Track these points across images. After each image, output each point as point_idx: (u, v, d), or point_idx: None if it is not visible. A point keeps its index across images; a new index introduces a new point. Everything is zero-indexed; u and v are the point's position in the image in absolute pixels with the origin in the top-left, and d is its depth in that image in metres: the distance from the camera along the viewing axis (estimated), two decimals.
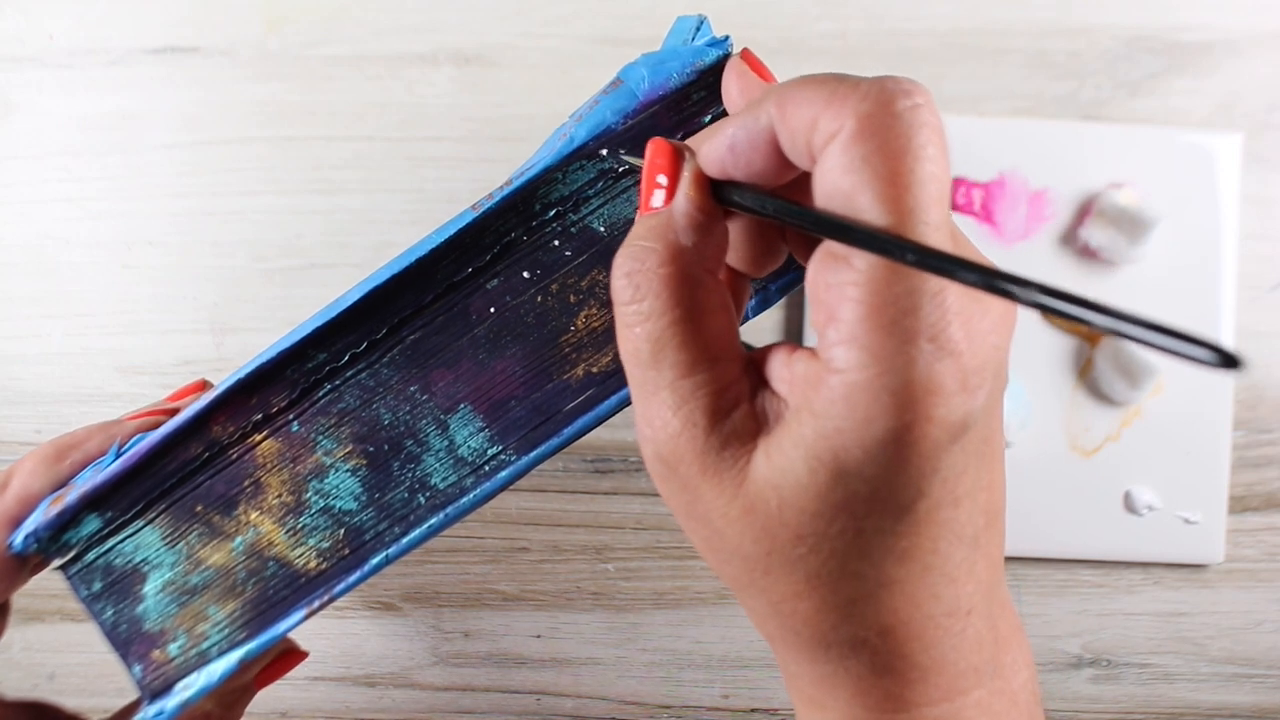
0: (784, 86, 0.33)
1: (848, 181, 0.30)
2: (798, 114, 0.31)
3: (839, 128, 0.30)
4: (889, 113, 0.30)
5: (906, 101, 0.30)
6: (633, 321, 0.34)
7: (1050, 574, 0.68)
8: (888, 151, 0.29)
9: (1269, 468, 0.67)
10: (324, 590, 0.43)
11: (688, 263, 0.34)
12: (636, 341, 0.34)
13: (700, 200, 0.35)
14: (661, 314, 0.34)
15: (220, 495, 0.43)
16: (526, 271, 0.42)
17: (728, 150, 0.34)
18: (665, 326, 0.34)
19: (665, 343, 0.34)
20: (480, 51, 0.67)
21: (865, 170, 0.29)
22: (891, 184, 0.29)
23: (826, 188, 0.31)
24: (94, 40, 0.66)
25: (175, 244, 0.67)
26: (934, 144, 0.30)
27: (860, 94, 0.30)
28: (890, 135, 0.29)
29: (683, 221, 0.35)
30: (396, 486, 0.43)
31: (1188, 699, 0.69)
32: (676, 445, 0.34)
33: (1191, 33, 0.67)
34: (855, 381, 0.30)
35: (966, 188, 0.65)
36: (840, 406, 0.30)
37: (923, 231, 0.29)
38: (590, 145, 0.41)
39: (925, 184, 0.29)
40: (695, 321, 0.34)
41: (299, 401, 0.43)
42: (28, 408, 0.68)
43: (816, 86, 0.31)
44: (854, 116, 0.30)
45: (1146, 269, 0.65)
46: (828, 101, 0.30)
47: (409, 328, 0.42)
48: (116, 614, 0.44)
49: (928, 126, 0.30)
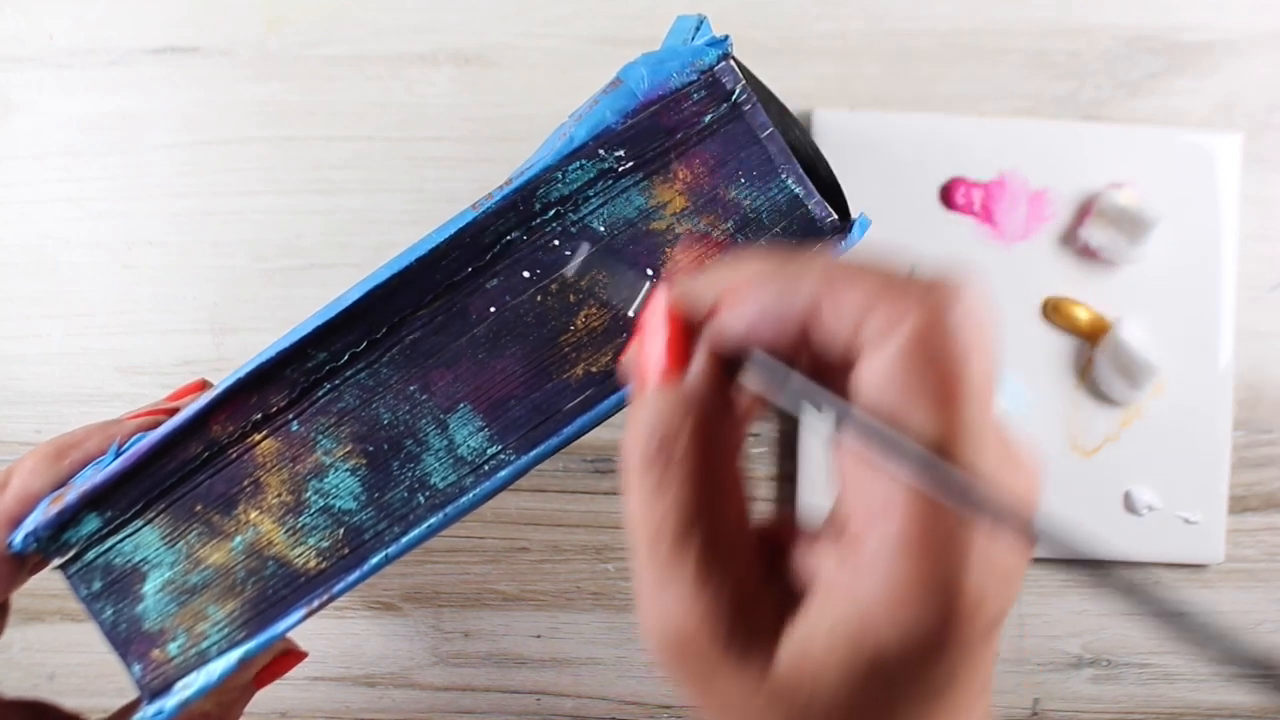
0: (834, 268, 0.31)
1: (895, 390, 0.29)
2: (847, 302, 0.30)
3: (890, 330, 0.29)
4: (944, 323, 0.29)
5: (961, 310, 0.29)
6: (649, 503, 0.32)
7: (1050, 574, 0.68)
8: (942, 366, 0.29)
9: (1269, 468, 0.67)
10: (323, 590, 0.43)
11: (712, 446, 0.32)
12: (652, 526, 0.32)
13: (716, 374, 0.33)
14: (688, 503, 0.32)
15: (220, 495, 0.43)
16: (526, 271, 0.42)
17: (751, 327, 0.32)
18: (692, 518, 0.32)
19: (690, 534, 0.32)
20: (480, 51, 0.67)
21: (917, 382, 0.29)
22: (944, 402, 0.29)
23: (871, 389, 0.30)
24: (94, 40, 0.66)
25: (175, 244, 0.67)
26: (987, 358, 0.29)
27: (918, 294, 0.29)
28: (945, 349, 0.29)
29: (703, 397, 0.33)
30: (396, 486, 0.43)
31: (1188, 699, 0.69)
32: (694, 639, 0.31)
33: (1191, 33, 0.67)
34: (891, 581, 0.29)
35: (966, 188, 0.65)
36: (874, 604, 0.29)
37: (971, 449, 0.29)
38: (590, 145, 0.41)
39: (975, 401, 0.29)
40: (719, 510, 0.32)
41: (299, 401, 0.43)
42: (28, 408, 0.68)
43: (870, 278, 0.30)
44: (910, 325, 0.29)
45: (1146, 269, 0.65)
46: (881, 295, 0.29)
47: (409, 327, 0.42)
48: (116, 613, 0.44)
49: (982, 326, 0.29)
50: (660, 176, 0.42)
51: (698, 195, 0.42)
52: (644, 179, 0.42)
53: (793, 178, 0.42)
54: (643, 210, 0.42)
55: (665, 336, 0.34)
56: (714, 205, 0.42)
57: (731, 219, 0.42)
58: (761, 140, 0.42)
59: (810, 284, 0.31)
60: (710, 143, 0.42)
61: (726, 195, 0.42)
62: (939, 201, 0.66)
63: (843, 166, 0.59)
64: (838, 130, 0.65)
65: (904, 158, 0.66)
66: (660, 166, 0.42)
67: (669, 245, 0.42)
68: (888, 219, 0.65)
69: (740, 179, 0.42)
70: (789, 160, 0.42)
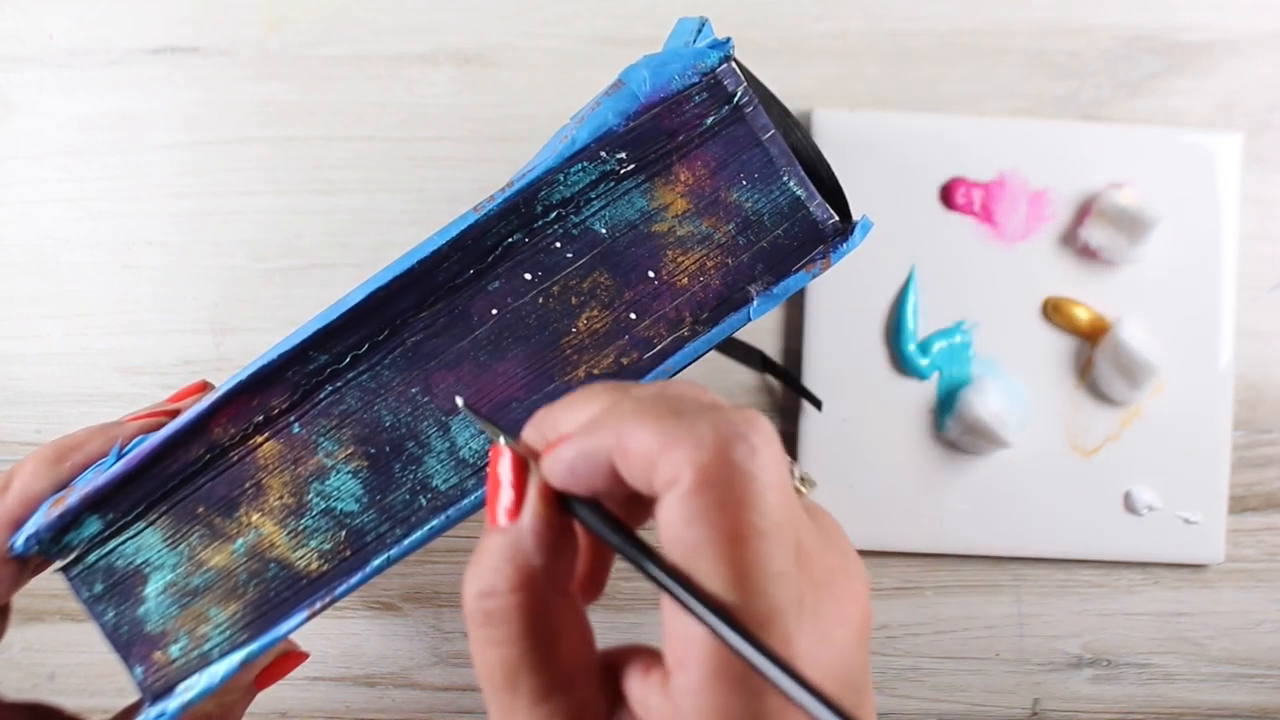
0: (622, 419, 0.32)
1: (689, 534, 0.29)
2: (636, 451, 0.30)
3: (677, 475, 0.29)
4: (726, 464, 0.29)
5: (744, 448, 0.29)
6: (485, 645, 0.33)
7: (1050, 574, 0.68)
8: (726, 506, 0.29)
9: (1269, 468, 0.67)
10: (325, 592, 0.43)
11: (539, 585, 0.33)
12: (490, 666, 0.33)
13: (548, 517, 0.33)
14: (514, 641, 0.33)
15: (221, 497, 0.43)
16: (528, 273, 0.42)
17: (569, 471, 0.33)
18: (519, 654, 0.33)
19: (519, 670, 0.33)
20: (480, 51, 0.67)
21: (704, 526, 0.29)
22: (732, 541, 0.29)
23: (669, 534, 0.30)
24: (94, 40, 0.66)
25: (175, 244, 0.67)
26: (774, 488, 0.29)
27: (696, 440, 0.29)
28: (729, 488, 0.29)
29: (532, 540, 0.33)
30: (398, 488, 0.43)
31: (1188, 699, 0.69)
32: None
33: (1191, 33, 0.67)
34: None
35: (966, 188, 0.65)
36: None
37: (764, 585, 0.29)
38: (592, 147, 0.41)
39: (766, 535, 0.29)
40: (549, 647, 0.33)
41: (300, 403, 0.43)
42: (28, 408, 0.68)
43: (654, 426, 0.30)
44: (691, 467, 0.29)
45: (1146, 269, 0.65)
46: (665, 445, 0.30)
47: (410, 329, 0.42)
48: (118, 615, 0.44)
49: (766, 470, 0.29)
50: (662, 179, 0.42)
51: (699, 197, 0.42)
52: (645, 181, 0.42)
53: (794, 180, 0.42)
54: (644, 212, 0.42)
55: (493, 484, 0.35)
56: (715, 207, 0.42)
57: (733, 221, 0.42)
58: (763, 142, 0.42)
59: (605, 436, 0.32)
60: (712, 145, 0.42)
61: (728, 197, 0.42)
62: (939, 201, 0.66)
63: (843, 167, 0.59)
64: (838, 130, 0.65)
65: (904, 158, 0.66)
66: (662, 169, 0.42)
67: (670, 247, 0.42)
68: (888, 219, 0.65)
69: (742, 181, 0.42)
70: (791, 162, 0.42)
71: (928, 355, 0.65)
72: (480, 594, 0.33)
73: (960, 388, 0.65)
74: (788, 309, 0.67)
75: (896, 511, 0.66)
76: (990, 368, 0.66)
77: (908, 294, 0.65)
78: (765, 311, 0.42)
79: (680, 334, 0.43)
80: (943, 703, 0.68)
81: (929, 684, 0.68)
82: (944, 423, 0.65)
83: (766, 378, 0.67)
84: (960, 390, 0.65)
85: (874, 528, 0.66)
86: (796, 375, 0.66)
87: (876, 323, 0.66)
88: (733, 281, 0.43)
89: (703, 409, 0.31)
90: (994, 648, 0.68)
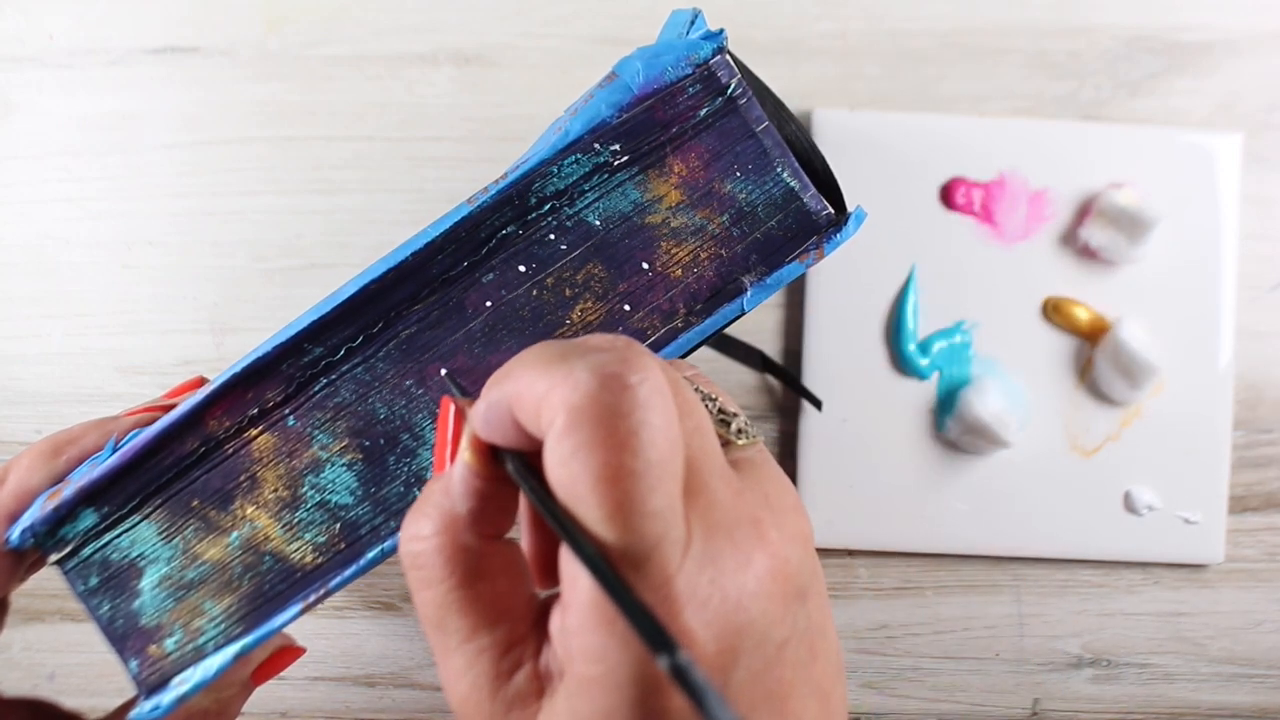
0: (517, 363, 0.32)
1: (564, 474, 0.30)
2: (526, 397, 0.31)
3: (553, 417, 0.30)
4: (596, 402, 0.29)
5: (615, 386, 0.29)
6: (416, 587, 0.34)
7: (1050, 574, 0.68)
8: (595, 444, 0.29)
9: (1269, 468, 0.67)
10: (320, 585, 0.43)
11: (460, 530, 0.34)
12: (422, 607, 0.34)
13: (476, 465, 0.34)
14: (439, 581, 0.34)
15: (216, 490, 0.43)
16: (522, 265, 0.42)
17: (483, 422, 0.34)
18: (444, 594, 0.34)
19: (447, 609, 0.34)
20: (480, 51, 0.67)
21: (575, 464, 0.29)
22: (602, 480, 0.29)
23: (550, 477, 0.30)
24: (94, 40, 0.67)
25: (175, 244, 0.67)
26: (649, 426, 0.29)
27: (572, 382, 0.30)
28: (598, 427, 0.29)
29: (459, 488, 0.34)
30: (392, 480, 0.43)
31: (1188, 699, 0.68)
32: (467, 707, 0.34)
33: (1191, 33, 0.67)
34: (588, 675, 0.30)
35: (966, 188, 0.65)
36: (581, 698, 0.30)
37: (637, 523, 0.29)
38: (585, 139, 0.41)
39: (640, 474, 0.29)
40: (473, 586, 0.34)
41: (295, 396, 0.43)
42: (28, 408, 0.68)
43: (540, 370, 0.31)
44: (564, 407, 0.29)
45: (1146, 269, 0.65)
46: (548, 387, 0.30)
47: (404, 322, 0.42)
48: (113, 609, 0.44)
49: (640, 409, 0.29)
50: (655, 170, 0.42)
51: (693, 189, 0.42)
52: (639, 173, 0.42)
53: (788, 171, 0.42)
54: (638, 204, 0.42)
55: (439, 433, 0.36)
56: (709, 199, 0.42)
57: (727, 212, 0.42)
58: (756, 134, 0.42)
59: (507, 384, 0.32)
60: (705, 136, 0.42)
61: (722, 189, 0.42)
62: (939, 201, 0.66)
63: (843, 166, 0.59)
64: (838, 130, 0.66)
65: (904, 158, 0.66)
66: (655, 160, 0.42)
67: (664, 239, 0.42)
68: (888, 219, 0.65)
69: (736, 172, 0.42)
70: (784, 154, 0.42)
71: (928, 355, 0.65)
72: (409, 538, 0.35)
73: (960, 388, 0.65)
74: (788, 309, 0.67)
75: (896, 511, 0.66)
76: (990, 368, 0.66)
77: (908, 294, 0.65)
78: (759, 302, 0.42)
79: (674, 325, 0.43)
80: (943, 703, 0.68)
81: (929, 684, 0.68)
82: (944, 423, 0.65)
83: (766, 378, 0.67)
84: (960, 390, 0.65)
85: (874, 528, 0.66)
86: (796, 375, 0.66)
87: (876, 323, 0.66)
88: (726, 272, 0.42)
89: (588, 351, 0.31)
90: (994, 648, 0.68)
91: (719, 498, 0.32)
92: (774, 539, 0.33)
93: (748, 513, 0.33)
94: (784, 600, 0.33)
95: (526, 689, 0.33)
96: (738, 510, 0.33)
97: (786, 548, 0.33)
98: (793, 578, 0.33)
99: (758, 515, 0.33)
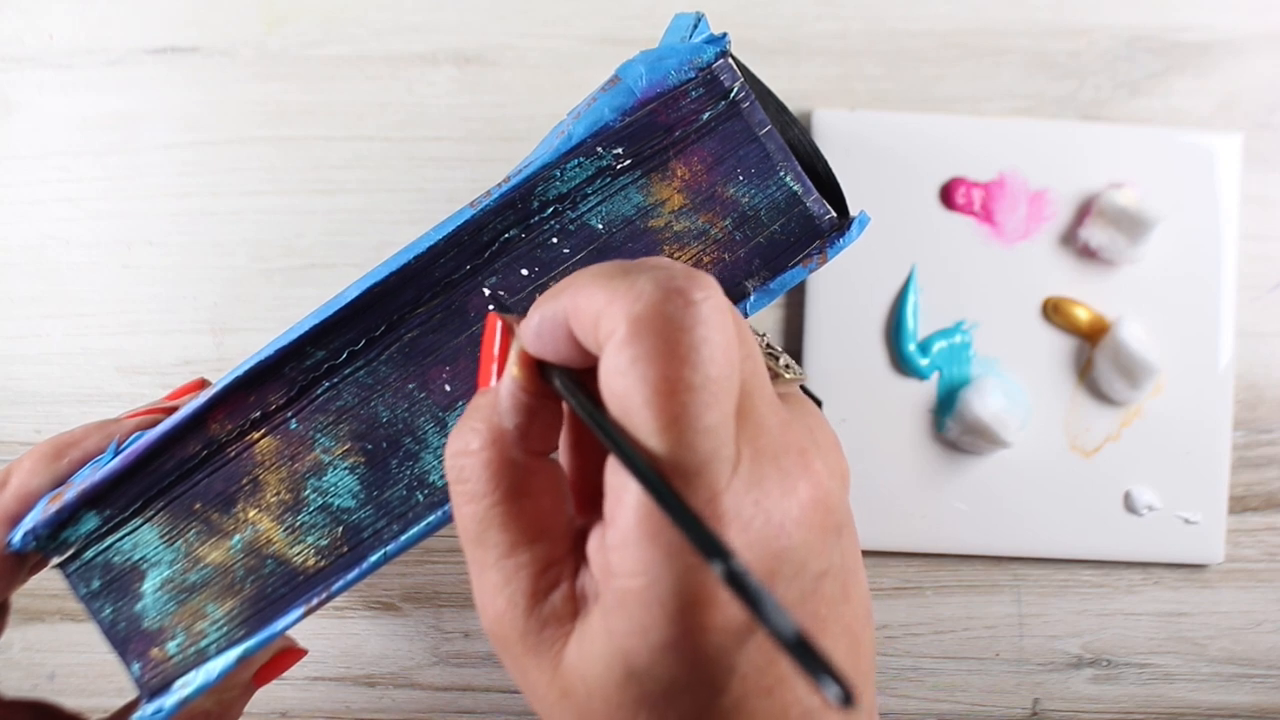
0: (577, 278, 0.33)
1: (620, 384, 0.30)
2: (585, 309, 0.31)
3: (613, 328, 0.30)
4: (660, 314, 0.29)
5: (679, 301, 0.30)
6: (460, 501, 0.35)
7: (1050, 574, 0.68)
8: (656, 356, 0.29)
9: (1269, 468, 0.67)
10: (322, 588, 0.43)
11: (507, 445, 0.34)
12: (464, 521, 0.35)
13: (524, 380, 0.34)
14: (482, 496, 0.34)
15: (218, 493, 0.43)
16: (525, 269, 0.42)
17: (535, 336, 0.34)
18: (487, 508, 0.34)
19: (488, 523, 0.34)
20: (480, 51, 0.67)
21: (633, 375, 0.29)
22: (659, 392, 0.29)
23: (605, 387, 0.31)
24: (94, 40, 0.66)
25: (175, 244, 0.67)
26: (710, 343, 0.30)
27: (635, 294, 0.30)
28: (660, 339, 0.29)
29: (507, 403, 0.35)
30: (395, 484, 0.43)
31: (1188, 699, 0.69)
32: (501, 624, 0.34)
33: (1191, 33, 0.67)
34: (629, 589, 0.30)
35: (966, 188, 0.65)
36: (619, 613, 0.31)
37: (691, 438, 0.29)
38: (588, 143, 0.41)
39: (697, 390, 0.29)
40: (517, 502, 0.34)
41: (297, 399, 0.43)
42: (28, 408, 0.68)
43: (601, 283, 0.31)
44: (625, 318, 0.30)
45: (1146, 269, 0.65)
46: (608, 299, 0.30)
47: (407, 325, 0.42)
48: (115, 612, 0.44)
49: (703, 325, 0.30)
50: (658, 174, 0.42)
51: (696, 193, 0.42)
52: (642, 176, 0.42)
53: (791, 175, 0.42)
54: (641, 208, 0.42)
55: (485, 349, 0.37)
56: (712, 203, 0.42)
57: (730, 216, 0.42)
58: (759, 138, 0.42)
59: (563, 298, 0.32)
60: (708, 140, 0.42)
61: (725, 193, 0.42)
62: (939, 201, 0.66)
63: (843, 166, 0.59)
64: (838, 130, 0.66)
65: (904, 158, 0.66)
66: (658, 164, 0.42)
67: (667, 243, 0.42)
68: (888, 219, 0.65)
69: (738, 176, 0.42)
70: (787, 157, 0.42)
71: (928, 355, 0.65)
72: (455, 452, 0.35)
73: (960, 388, 0.65)
74: (788, 309, 0.67)
75: (896, 511, 0.66)
76: (990, 368, 0.66)
77: (908, 294, 0.65)
78: (762, 307, 0.42)
79: None
80: (943, 703, 0.68)
81: (929, 684, 0.68)
82: (944, 423, 0.65)
83: None
84: (960, 390, 0.65)
85: (874, 528, 0.66)
86: None
87: (876, 323, 0.66)
88: (729, 277, 0.43)
89: (651, 267, 0.31)
90: (994, 648, 0.68)
91: (768, 424, 0.33)
92: (818, 470, 0.33)
93: (795, 442, 0.34)
94: (823, 532, 0.33)
95: (562, 609, 0.33)
96: (785, 438, 0.33)
97: (829, 481, 0.33)
98: (834, 511, 0.33)
99: (804, 446, 0.34)
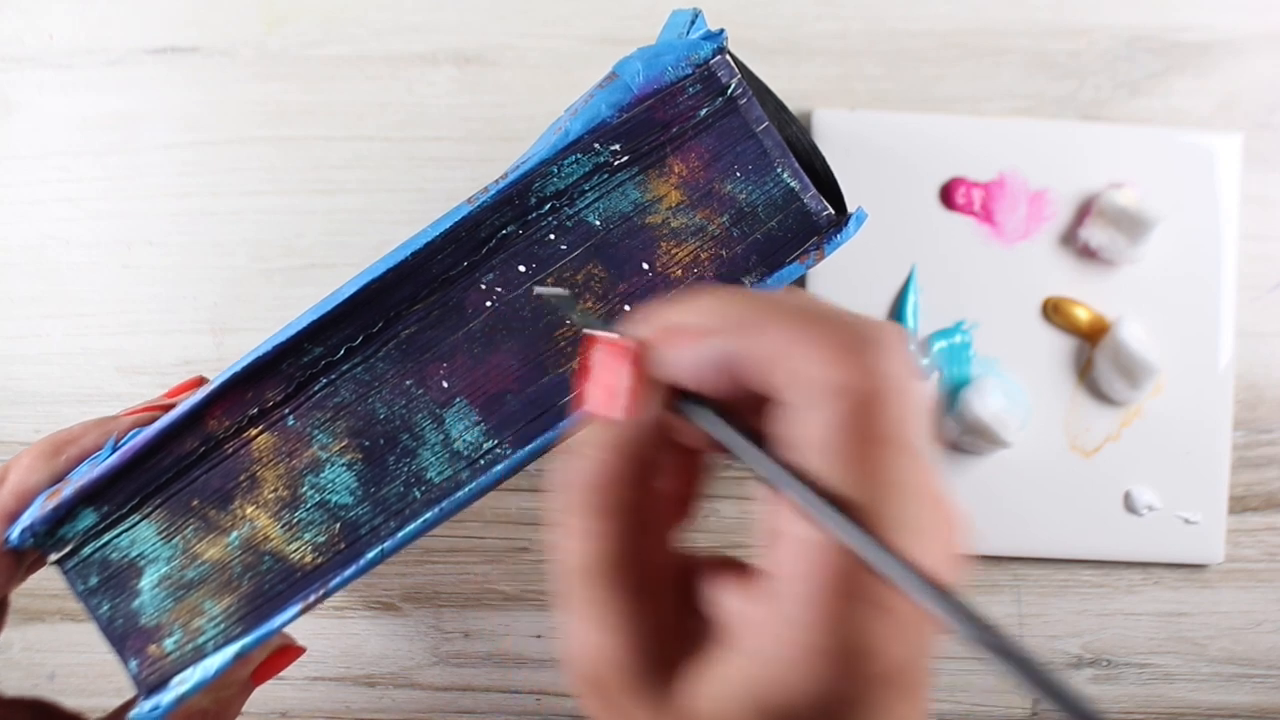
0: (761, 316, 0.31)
1: (830, 455, 0.29)
2: (773, 350, 0.30)
3: (823, 377, 0.29)
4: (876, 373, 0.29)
5: (896, 359, 0.29)
6: (575, 536, 0.33)
7: (1050, 574, 0.68)
8: (877, 414, 0.29)
9: (1269, 468, 0.67)
10: (320, 584, 0.43)
11: (641, 481, 0.33)
12: (576, 558, 0.33)
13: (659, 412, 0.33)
14: (607, 536, 0.32)
15: (216, 490, 0.43)
16: (522, 265, 0.42)
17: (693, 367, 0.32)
18: (609, 549, 0.32)
19: (607, 564, 0.32)
20: (480, 51, 0.67)
21: (850, 432, 0.29)
22: (874, 448, 0.29)
23: (807, 450, 0.30)
24: (94, 40, 0.66)
25: (175, 244, 0.67)
26: (919, 405, 0.29)
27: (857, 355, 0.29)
28: (880, 399, 0.29)
29: (646, 437, 0.33)
30: (392, 481, 0.43)
31: (1188, 699, 0.68)
32: (607, 670, 0.32)
33: (1191, 33, 0.67)
34: (796, 639, 0.29)
35: (966, 188, 0.65)
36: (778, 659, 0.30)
37: (894, 496, 0.29)
38: (585, 139, 0.41)
39: (906, 449, 0.29)
40: (638, 542, 0.33)
41: (294, 396, 0.43)
42: (28, 408, 0.68)
43: (798, 326, 0.30)
44: (852, 389, 0.29)
45: (1146, 269, 0.65)
46: (809, 345, 0.29)
47: (404, 322, 0.42)
48: (113, 608, 0.44)
49: (914, 383, 0.29)
50: (655, 170, 0.42)
51: (693, 189, 0.42)
52: (639, 173, 0.42)
53: (788, 171, 0.42)
54: (638, 204, 0.42)
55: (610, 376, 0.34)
56: (709, 199, 0.42)
57: (727, 213, 0.42)
58: (757, 134, 0.42)
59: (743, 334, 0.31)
60: (705, 137, 0.42)
61: (722, 189, 0.42)
62: (939, 201, 0.65)
63: (843, 166, 0.59)
64: (838, 130, 0.65)
65: (904, 158, 0.65)
66: (655, 160, 0.42)
67: (664, 239, 0.42)
68: (888, 219, 0.65)
69: (736, 173, 0.42)
70: (784, 154, 0.42)
71: (928, 355, 0.65)
72: (581, 483, 0.33)
73: (960, 388, 0.65)
74: None
75: None
76: (990, 368, 0.66)
77: (908, 294, 0.65)
78: None
79: None
80: (943, 703, 0.68)
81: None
82: (944, 423, 0.65)
83: None
84: (960, 390, 0.65)
85: None
86: None
87: None
88: (727, 273, 0.43)
89: (841, 314, 0.30)
90: None
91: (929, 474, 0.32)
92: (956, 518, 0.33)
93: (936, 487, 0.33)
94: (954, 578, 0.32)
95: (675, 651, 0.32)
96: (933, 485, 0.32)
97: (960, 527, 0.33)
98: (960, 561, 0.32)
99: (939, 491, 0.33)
